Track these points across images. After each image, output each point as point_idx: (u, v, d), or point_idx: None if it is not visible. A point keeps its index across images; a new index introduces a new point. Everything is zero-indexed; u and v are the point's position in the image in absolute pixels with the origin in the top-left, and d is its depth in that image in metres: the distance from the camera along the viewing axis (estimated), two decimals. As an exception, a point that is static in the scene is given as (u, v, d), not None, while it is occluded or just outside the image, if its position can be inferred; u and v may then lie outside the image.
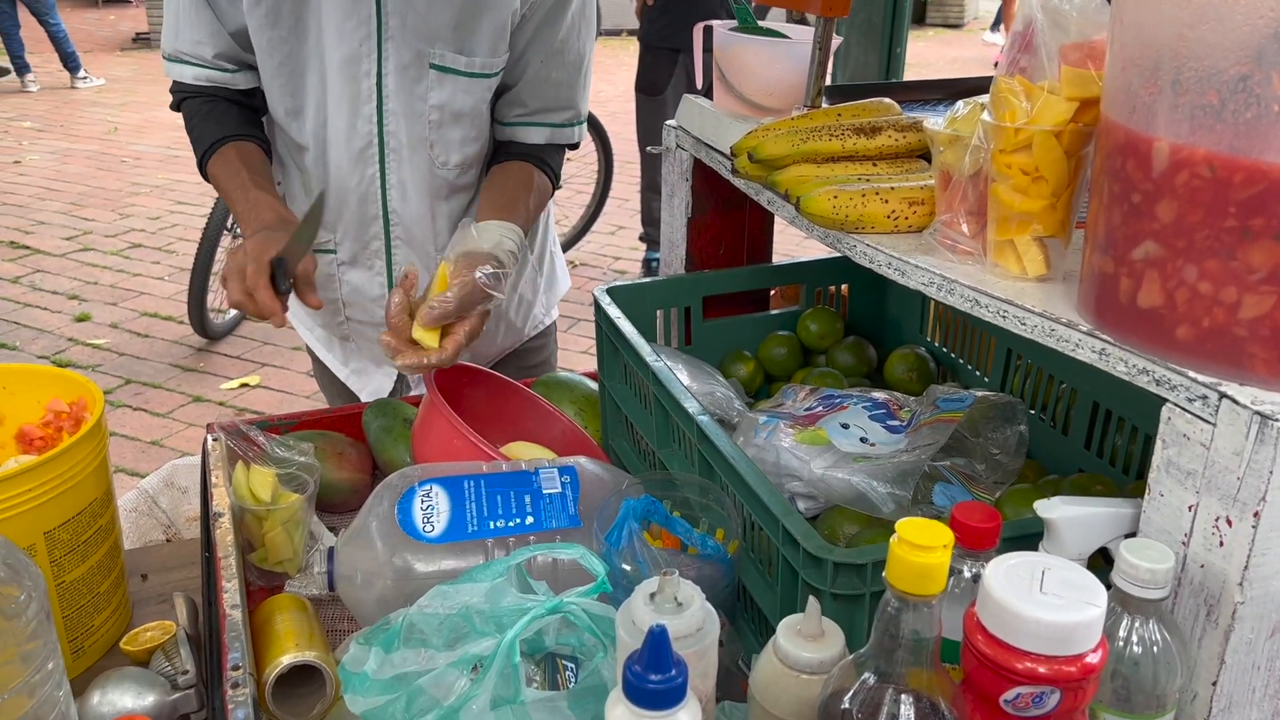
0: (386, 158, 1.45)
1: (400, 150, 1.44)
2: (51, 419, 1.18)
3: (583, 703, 0.76)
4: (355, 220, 1.50)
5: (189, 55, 1.41)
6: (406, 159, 1.45)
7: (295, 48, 1.38)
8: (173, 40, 1.42)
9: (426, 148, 1.45)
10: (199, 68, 1.42)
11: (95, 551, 1.09)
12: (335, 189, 1.48)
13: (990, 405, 1.03)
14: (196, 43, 1.40)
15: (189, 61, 1.42)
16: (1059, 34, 0.80)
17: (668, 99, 4.48)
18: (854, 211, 0.98)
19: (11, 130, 7.64)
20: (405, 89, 1.40)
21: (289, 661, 0.95)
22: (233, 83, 1.43)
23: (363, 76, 1.39)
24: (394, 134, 1.43)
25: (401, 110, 1.41)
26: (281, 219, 1.32)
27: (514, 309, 1.69)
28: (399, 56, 1.38)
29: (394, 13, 1.35)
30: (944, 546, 0.60)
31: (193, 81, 1.43)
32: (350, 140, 1.43)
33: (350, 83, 1.39)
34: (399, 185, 1.47)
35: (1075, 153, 0.82)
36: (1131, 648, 0.70)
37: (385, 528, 1.02)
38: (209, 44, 1.40)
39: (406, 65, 1.38)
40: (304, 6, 1.36)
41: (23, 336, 4.31)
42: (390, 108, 1.41)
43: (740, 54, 1.31)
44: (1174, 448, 0.70)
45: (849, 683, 0.66)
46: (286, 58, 1.39)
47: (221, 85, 1.43)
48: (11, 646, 0.75)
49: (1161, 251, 0.69)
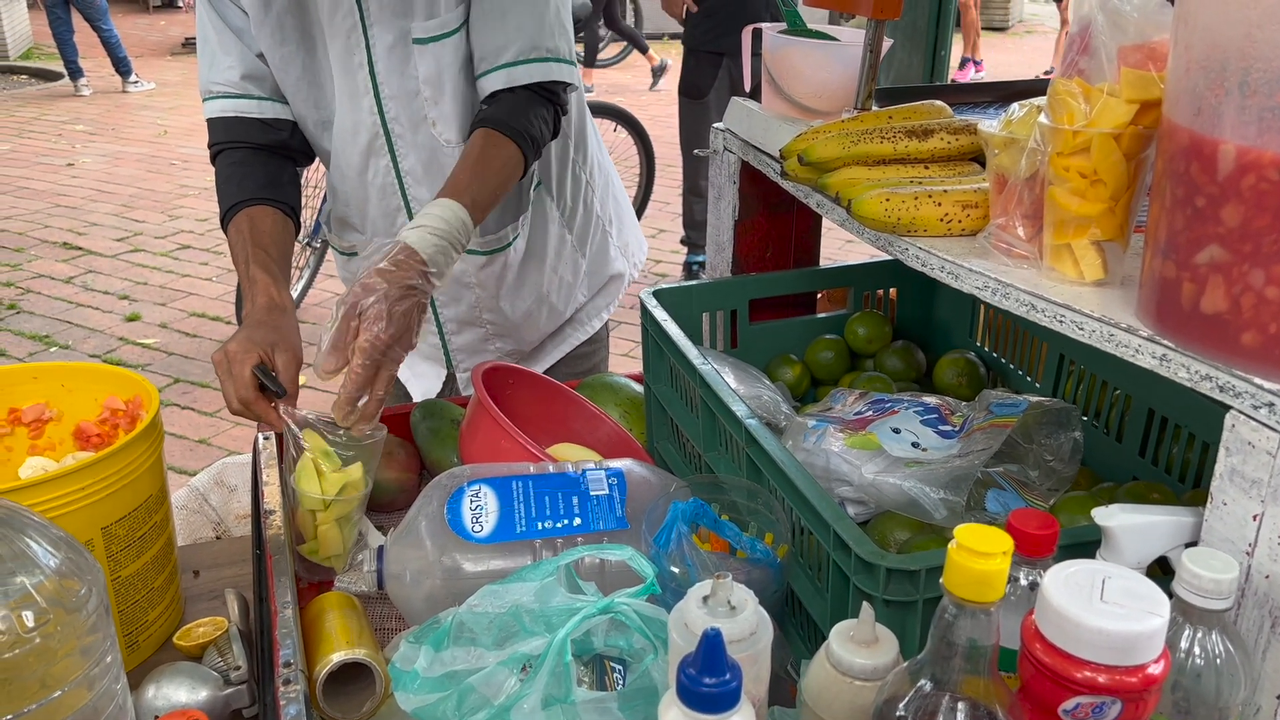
0: (395, 145, 1.45)
1: (405, 135, 1.44)
2: (108, 416, 1.20)
3: (633, 704, 0.76)
4: (380, 215, 1.52)
5: (220, 84, 1.42)
6: (412, 143, 1.45)
7: (306, 60, 1.40)
8: (207, 75, 1.44)
9: (429, 126, 1.44)
10: (228, 99, 1.42)
11: (150, 547, 1.10)
12: (355, 188, 1.49)
13: (1044, 411, 1.01)
14: (227, 68, 1.41)
15: (219, 94, 1.43)
16: (1118, 35, 0.79)
17: (710, 102, 4.51)
18: (906, 214, 0.97)
19: (65, 133, 7.81)
20: (396, 70, 1.40)
21: (339, 659, 0.96)
22: (259, 111, 1.43)
23: (356, 68, 1.40)
24: (395, 119, 1.43)
25: (396, 94, 1.41)
26: (271, 304, 1.29)
27: (554, 291, 1.67)
28: (383, 39, 1.38)
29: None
30: (1003, 553, 0.59)
31: (220, 114, 1.43)
32: (357, 135, 1.44)
33: (348, 77, 1.40)
34: (412, 171, 1.47)
35: (1135, 156, 0.81)
36: (1193, 659, 0.68)
37: (434, 527, 1.03)
38: (237, 66, 1.41)
39: (392, 46, 1.38)
40: (304, 17, 1.37)
41: (75, 336, 4.39)
42: (386, 93, 1.41)
43: (789, 57, 1.31)
44: (1238, 456, 0.69)
45: (904, 690, 0.65)
46: (302, 71, 1.41)
47: (248, 116, 1.43)
48: (72, 639, 0.77)
49: (1227, 256, 0.68)
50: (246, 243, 1.36)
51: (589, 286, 1.74)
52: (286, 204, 1.44)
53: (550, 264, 1.64)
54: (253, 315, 1.28)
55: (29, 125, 8.06)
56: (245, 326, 1.26)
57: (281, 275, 1.36)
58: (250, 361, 1.19)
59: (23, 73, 10.07)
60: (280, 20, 1.37)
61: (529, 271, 1.62)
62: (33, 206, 6.07)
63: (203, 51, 1.44)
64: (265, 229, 1.38)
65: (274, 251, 1.37)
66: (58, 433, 1.21)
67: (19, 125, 8.05)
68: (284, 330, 1.26)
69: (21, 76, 9.97)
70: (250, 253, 1.34)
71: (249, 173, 1.43)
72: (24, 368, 1.21)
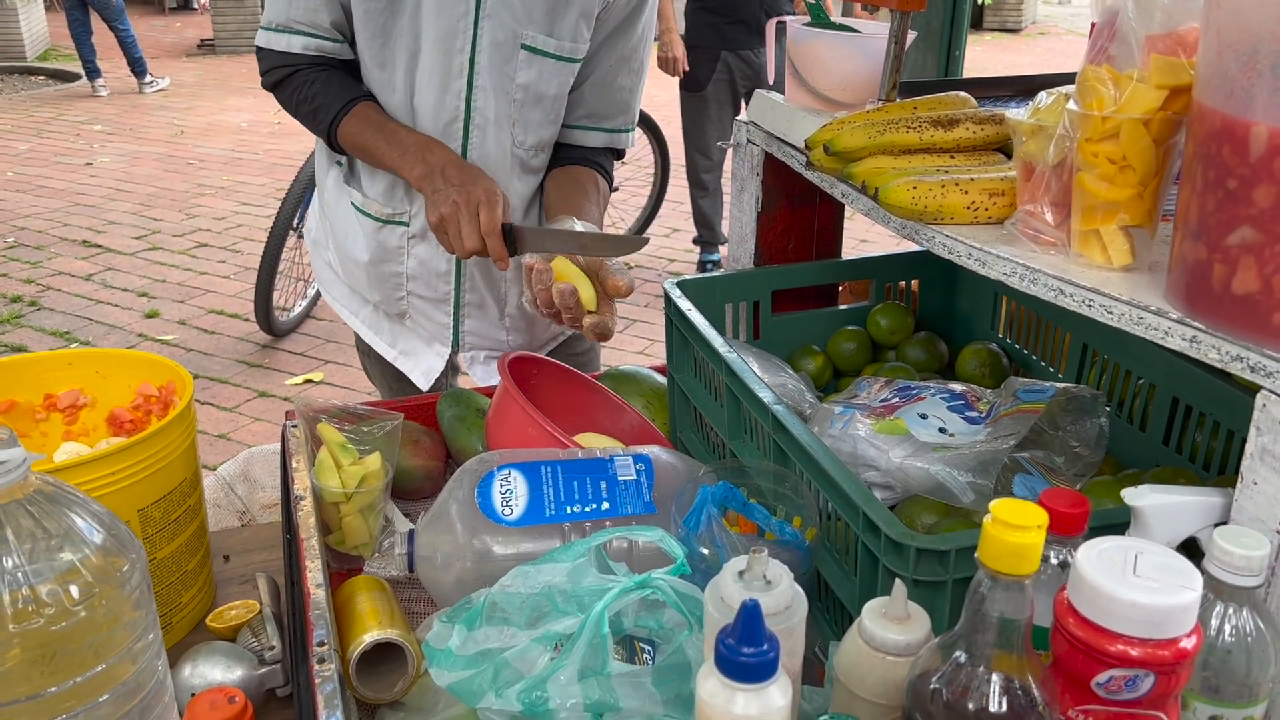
0: (471, 133, 1.49)
1: (485, 127, 1.48)
2: (141, 403, 1.22)
3: (667, 679, 0.77)
4: None
5: (303, 24, 1.45)
6: (490, 135, 1.49)
7: (389, 21, 1.43)
8: (285, 10, 1.45)
9: (509, 125, 1.50)
10: (311, 37, 1.46)
11: (184, 530, 1.12)
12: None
13: (1070, 398, 1.02)
14: (313, 10, 1.44)
15: (301, 31, 1.45)
16: (1147, 21, 0.80)
17: (709, 95, 4.60)
18: (933, 202, 0.98)
19: (83, 133, 7.87)
20: (496, 67, 1.45)
21: (372, 639, 0.97)
22: (342, 53, 1.48)
23: (456, 52, 1.43)
24: (480, 110, 1.47)
25: (491, 87, 1.46)
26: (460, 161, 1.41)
27: None
28: (493, 34, 1.42)
29: None
30: (1039, 527, 0.60)
31: (302, 51, 1.46)
32: (438, 113, 1.47)
33: (443, 56, 1.43)
34: (480, 160, 1.51)
35: (1163, 141, 0.82)
36: (1224, 636, 0.69)
37: (465, 510, 1.04)
38: (325, 10, 1.44)
39: (500, 44, 1.43)
40: None
41: (95, 332, 4.43)
42: (480, 84, 1.45)
43: (814, 49, 1.32)
44: (1269, 435, 0.70)
45: (937, 663, 0.66)
46: (379, 29, 1.43)
47: (332, 56, 1.48)
48: (117, 614, 0.78)
49: (1259, 237, 0.68)
50: (385, 121, 1.46)
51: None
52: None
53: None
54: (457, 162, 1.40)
55: (47, 125, 8.13)
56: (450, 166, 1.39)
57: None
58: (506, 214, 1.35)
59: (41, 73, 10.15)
60: None
61: None
62: (52, 205, 6.12)
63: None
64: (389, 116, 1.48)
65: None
66: (92, 419, 1.23)
67: (37, 125, 8.12)
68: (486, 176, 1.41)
69: (39, 77, 10.05)
70: (398, 125, 1.45)
71: (343, 80, 1.49)
72: (59, 354, 1.23)
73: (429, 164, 1.40)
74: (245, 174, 6.83)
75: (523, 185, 1.56)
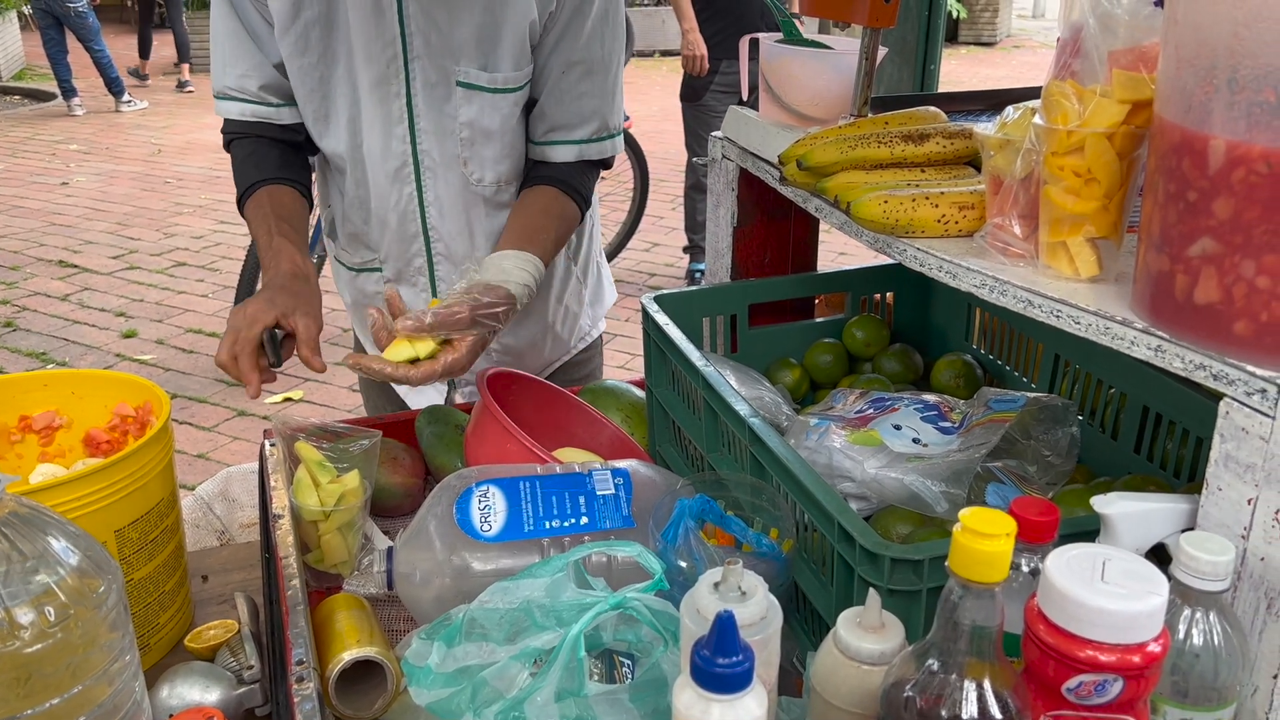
0: (422, 176, 1.48)
1: (435, 169, 1.47)
2: (118, 423, 1.21)
3: (644, 695, 0.77)
4: (397, 238, 1.54)
5: (235, 90, 1.44)
6: (441, 176, 1.48)
7: (325, 73, 1.42)
8: (220, 77, 1.46)
9: (460, 165, 1.47)
10: (244, 103, 1.45)
11: (162, 551, 1.12)
12: (376, 208, 1.51)
13: (1041, 407, 1.03)
14: (242, 76, 1.43)
15: (235, 97, 1.45)
16: (1109, 38, 0.82)
17: (708, 104, 4.65)
18: (904, 216, 0.99)
19: (59, 153, 7.83)
20: (435, 108, 1.42)
21: (351, 657, 0.97)
22: (277, 117, 1.46)
23: (393, 98, 1.42)
24: (427, 152, 1.46)
25: (432, 129, 1.44)
26: (295, 271, 1.33)
27: (560, 321, 1.71)
28: (425, 75, 1.40)
29: (417, 33, 1.37)
30: (1007, 534, 0.61)
31: (239, 117, 1.46)
32: (385, 160, 1.46)
33: (381, 104, 1.42)
34: (436, 203, 1.50)
35: (1127, 155, 0.83)
36: (1192, 640, 0.70)
37: (443, 527, 1.04)
38: (254, 76, 1.43)
39: (434, 84, 1.41)
40: (332, 33, 1.39)
41: (72, 353, 4.40)
42: (422, 126, 1.44)
43: (786, 65, 1.34)
44: (1232, 442, 0.71)
45: (911, 672, 0.67)
46: (318, 84, 1.42)
47: (266, 120, 1.46)
48: (93, 636, 0.78)
49: (1218, 248, 0.70)
50: (268, 216, 1.39)
51: (592, 316, 1.78)
52: (302, 185, 1.48)
53: (556, 294, 1.67)
54: (276, 280, 1.31)
55: (23, 145, 8.08)
56: (267, 289, 1.29)
57: (304, 246, 1.40)
58: (264, 324, 1.23)
59: (16, 93, 10.10)
60: (306, 31, 1.38)
61: (536, 303, 1.64)
62: (28, 225, 6.08)
63: (217, 51, 1.45)
64: (285, 203, 1.43)
65: (295, 224, 1.41)
66: (68, 440, 1.22)
67: (13, 145, 8.07)
68: (306, 296, 1.29)
69: (15, 97, 10.01)
70: (273, 224, 1.38)
71: (265, 156, 1.46)
72: (34, 375, 1.22)
73: (267, 275, 1.34)
74: (223, 192, 6.80)
75: (491, 223, 1.53)
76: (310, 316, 1.26)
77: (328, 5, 1.37)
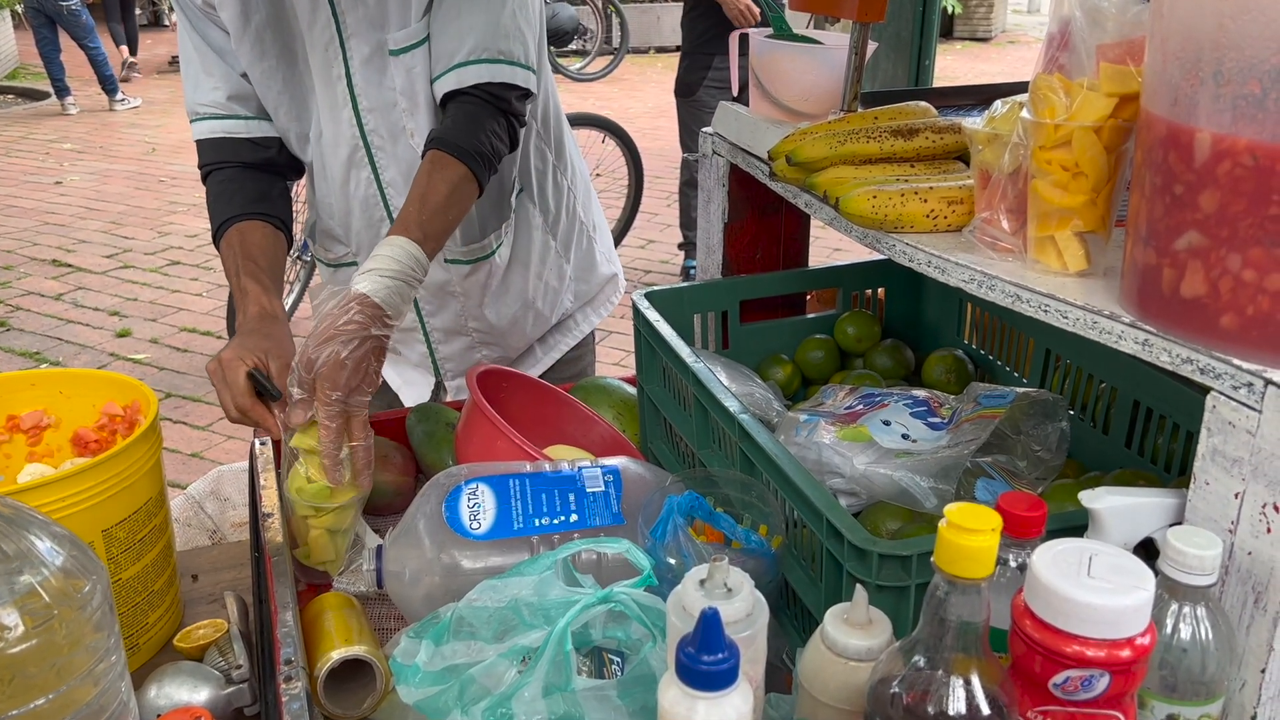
0: (375, 157, 1.46)
1: (385, 147, 1.45)
2: (106, 422, 1.21)
3: (631, 692, 0.77)
4: (363, 227, 1.53)
5: (206, 106, 1.43)
6: (392, 154, 1.46)
7: (288, 73, 1.41)
8: (192, 95, 1.44)
9: (407, 138, 1.45)
10: (216, 119, 1.43)
11: (150, 550, 1.11)
12: (339, 199, 1.50)
13: (1031, 402, 1.03)
14: (212, 89, 1.42)
15: (206, 115, 1.43)
16: (1097, 32, 0.81)
17: (701, 99, 4.67)
18: (893, 211, 0.99)
19: (53, 152, 7.81)
20: (373, 82, 1.40)
21: (340, 656, 0.97)
22: (247, 131, 1.44)
23: (335, 80, 1.40)
24: (374, 131, 1.44)
25: (375, 105, 1.42)
26: (263, 313, 1.30)
27: (540, 298, 1.68)
28: (360, 51, 1.38)
29: (349, 9, 1.36)
30: (992, 530, 0.61)
31: (210, 135, 1.43)
32: (338, 147, 1.45)
33: (327, 89, 1.41)
34: (394, 183, 1.48)
35: (1115, 148, 0.83)
36: (1179, 635, 0.70)
37: (433, 525, 1.04)
38: (222, 88, 1.41)
39: (369, 58, 1.39)
40: (284, 30, 1.38)
41: (66, 352, 4.39)
42: (364, 105, 1.42)
43: (776, 61, 1.33)
44: (1219, 435, 0.71)
45: (897, 668, 0.67)
46: (284, 85, 1.41)
47: (238, 136, 1.43)
48: (78, 636, 0.78)
49: (1205, 241, 0.70)
50: (237, 256, 1.36)
51: (576, 292, 1.76)
52: (277, 218, 1.44)
53: (535, 270, 1.65)
54: (245, 324, 1.29)
55: (16, 144, 8.06)
56: (238, 335, 1.27)
57: (273, 286, 1.37)
58: (244, 367, 1.20)
59: (9, 92, 10.06)
60: (260, 35, 1.37)
61: (513, 278, 1.63)
62: (21, 224, 6.06)
63: (186, 73, 1.44)
64: (255, 242, 1.39)
65: (264, 263, 1.38)
66: (56, 439, 1.22)
67: (6, 144, 8.05)
68: (277, 337, 1.26)
69: (8, 96, 9.97)
70: (241, 265, 1.35)
71: (239, 189, 1.43)
72: (22, 375, 1.22)
73: (238, 319, 1.32)
74: (218, 191, 6.79)
75: None
76: (282, 357, 1.22)
77: (273, 5, 1.36)
